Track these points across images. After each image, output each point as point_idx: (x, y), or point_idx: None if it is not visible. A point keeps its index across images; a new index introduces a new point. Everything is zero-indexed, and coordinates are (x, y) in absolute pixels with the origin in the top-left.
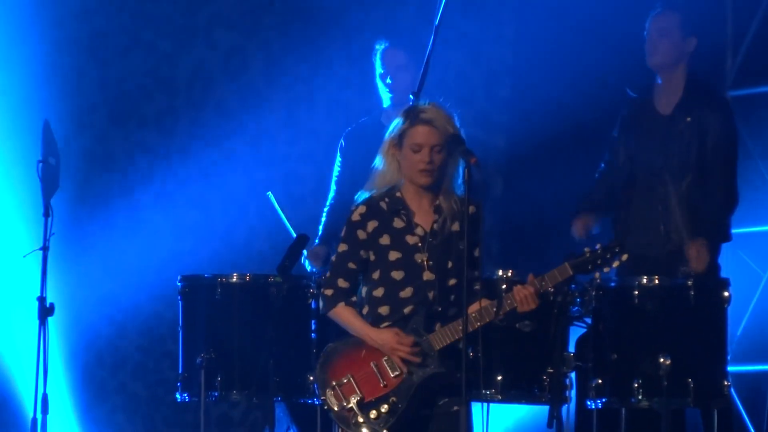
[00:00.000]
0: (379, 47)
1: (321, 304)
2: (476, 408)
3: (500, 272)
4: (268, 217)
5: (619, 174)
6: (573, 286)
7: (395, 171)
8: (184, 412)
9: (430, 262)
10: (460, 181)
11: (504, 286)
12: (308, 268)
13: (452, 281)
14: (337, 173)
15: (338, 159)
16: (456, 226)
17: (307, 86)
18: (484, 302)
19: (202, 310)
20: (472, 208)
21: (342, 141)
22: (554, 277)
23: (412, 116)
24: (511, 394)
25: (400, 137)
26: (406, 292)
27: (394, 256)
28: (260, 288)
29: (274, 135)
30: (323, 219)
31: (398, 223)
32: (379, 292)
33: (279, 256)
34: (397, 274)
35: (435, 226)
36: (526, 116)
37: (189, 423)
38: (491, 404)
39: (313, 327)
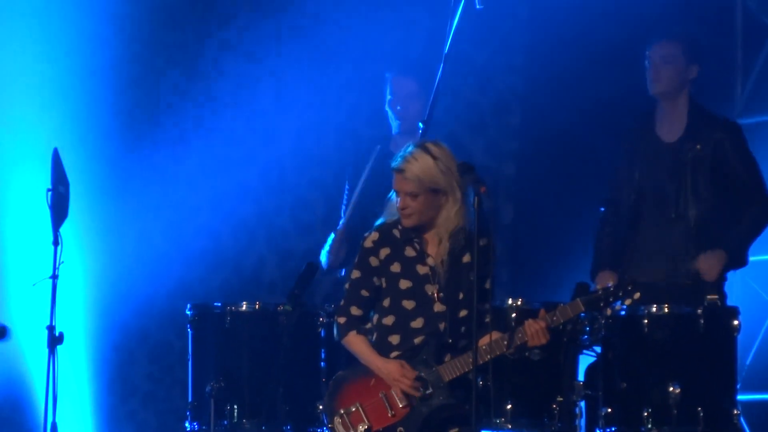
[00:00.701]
0: (389, 75)
1: (335, 331)
2: None
3: (510, 301)
4: (278, 246)
5: (624, 207)
6: (582, 314)
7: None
8: None
9: (441, 294)
10: (471, 211)
11: (514, 315)
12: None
13: (463, 313)
14: (345, 201)
15: (347, 187)
16: (467, 258)
17: (317, 114)
18: (495, 334)
19: (211, 338)
20: (483, 241)
21: (350, 169)
22: (566, 312)
23: (397, 160)
24: (521, 422)
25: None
26: (417, 323)
27: (404, 284)
28: (270, 316)
29: (284, 163)
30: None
31: (410, 252)
32: (389, 320)
33: (289, 285)
34: (408, 304)
35: (446, 258)
36: (536, 144)
37: None
38: None
39: (322, 356)
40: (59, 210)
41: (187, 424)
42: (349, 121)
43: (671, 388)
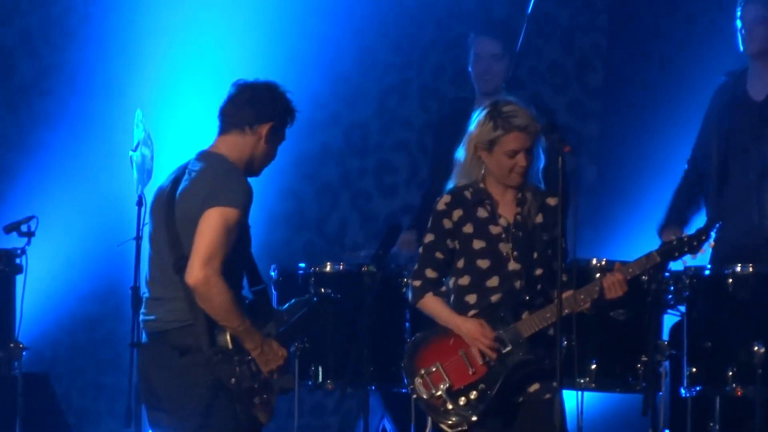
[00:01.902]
0: (472, 36)
1: (410, 295)
2: (568, 396)
3: (594, 261)
4: (361, 207)
5: (709, 164)
6: (666, 274)
7: (479, 170)
8: (278, 401)
9: (515, 253)
10: (540, 170)
11: (597, 275)
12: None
13: (538, 271)
14: (431, 161)
15: (433, 147)
16: (539, 218)
17: (400, 75)
18: (571, 292)
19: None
20: (554, 200)
21: (437, 129)
22: (641, 263)
23: (504, 123)
24: (605, 382)
25: (490, 143)
26: (493, 281)
27: (478, 245)
28: (354, 277)
29: (367, 124)
30: (418, 213)
31: (482, 213)
32: (465, 280)
33: (372, 246)
34: (482, 263)
35: (518, 217)
36: (619, 103)
37: (283, 412)
38: (585, 392)
39: (407, 316)
40: (143, 171)
41: None
42: (433, 82)
43: (756, 348)
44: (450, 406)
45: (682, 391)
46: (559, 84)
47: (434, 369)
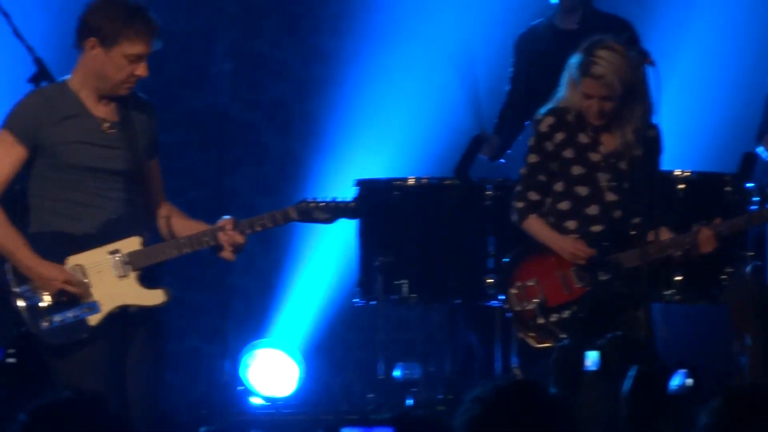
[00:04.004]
0: None
1: (514, 216)
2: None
3: (676, 171)
4: (443, 119)
5: None
6: (751, 185)
7: (577, 98)
8: (362, 316)
9: (613, 184)
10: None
11: (682, 186)
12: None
13: (635, 205)
14: (511, 74)
15: (514, 60)
16: (638, 151)
17: None
18: (664, 230)
19: (379, 214)
20: (652, 132)
21: (516, 42)
22: (737, 225)
23: (586, 64)
24: (690, 294)
25: (577, 77)
26: (592, 209)
27: (577, 170)
28: (437, 191)
29: (449, 36)
30: (500, 113)
31: (583, 138)
32: (564, 205)
33: (455, 159)
34: (581, 190)
35: (619, 148)
36: (705, 14)
37: (367, 327)
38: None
39: (490, 229)
40: None
41: (356, 300)
42: None
43: None
44: (540, 321)
45: None
46: None
47: (530, 283)
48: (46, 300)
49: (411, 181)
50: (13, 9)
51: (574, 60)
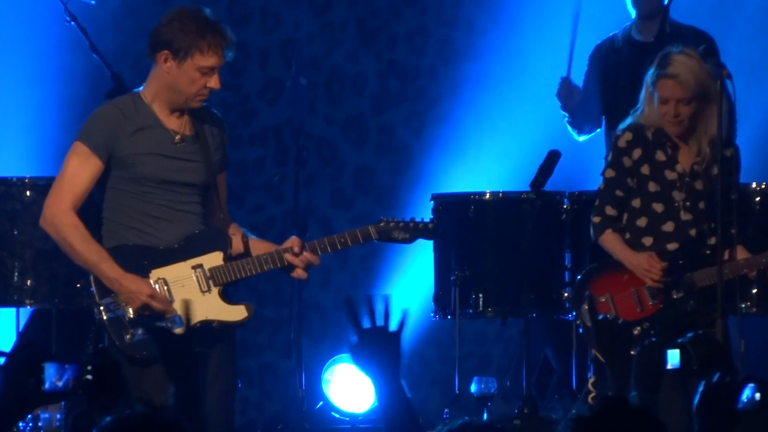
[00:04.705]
0: None
1: (591, 231)
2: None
3: (754, 185)
4: (520, 135)
5: None
6: None
7: (654, 113)
8: (438, 330)
9: (687, 203)
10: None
11: (758, 199)
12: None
13: (711, 224)
14: (583, 85)
15: (588, 71)
16: (715, 170)
17: (555, 2)
18: (740, 249)
19: (455, 228)
20: (730, 150)
21: (593, 53)
22: None
23: (661, 67)
24: (767, 306)
25: (652, 85)
26: (668, 227)
27: (653, 187)
28: (513, 204)
29: (523, 50)
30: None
31: (660, 156)
32: (642, 222)
33: (532, 173)
34: (657, 207)
35: (695, 167)
36: None
37: (443, 341)
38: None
39: (567, 243)
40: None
41: (432, 314)
42: (589, 6)
43: None
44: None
45: None
46: (715, 4)
47: (603, 299)
48: (129, 313)
49: (487, 195)
50: (89, 26)
51: (651, 71)
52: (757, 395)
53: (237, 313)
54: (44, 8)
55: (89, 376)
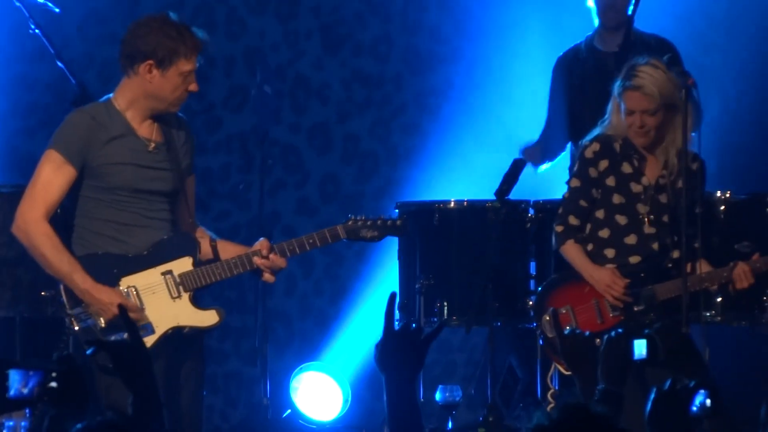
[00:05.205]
0: None
1: (553, 239)
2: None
3: (718, 193)
4: (485, 143)
5: None
6: None
7: (621, 124)
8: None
9: (651, 216)
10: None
11: (722, 207)
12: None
13: (673, 237)
14: (549, 96)
15: (552, 82)
16: (680, 183)
17: (520, 10)
18: (703, 262)
19: (419, 236)
20: (696, 165)
21: (556, 64)
22: None
23: (627, 78)
24: (731, 315)
25: (619, 97)
26: (631, 239)
27: (617, 199)
28: (478, 213)
29: (488, 60)
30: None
31: (627, 168)
32: (605, 233)
33: (497, 181)
34: (621, 219)
35: (661, 180)
36: (746, 36)
37: None
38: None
39: (531, 252)
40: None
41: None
42: (555, 15)
43: None
44: None
45: None
46: (682, 14)
47: (564, 311)
48: (100, 321)
49: (452, 204)
50: (54, 34)
51: (617, 82)
52: (708, 401)
53: (208, 318)
54: (6, 15)
55: (54, 383)
